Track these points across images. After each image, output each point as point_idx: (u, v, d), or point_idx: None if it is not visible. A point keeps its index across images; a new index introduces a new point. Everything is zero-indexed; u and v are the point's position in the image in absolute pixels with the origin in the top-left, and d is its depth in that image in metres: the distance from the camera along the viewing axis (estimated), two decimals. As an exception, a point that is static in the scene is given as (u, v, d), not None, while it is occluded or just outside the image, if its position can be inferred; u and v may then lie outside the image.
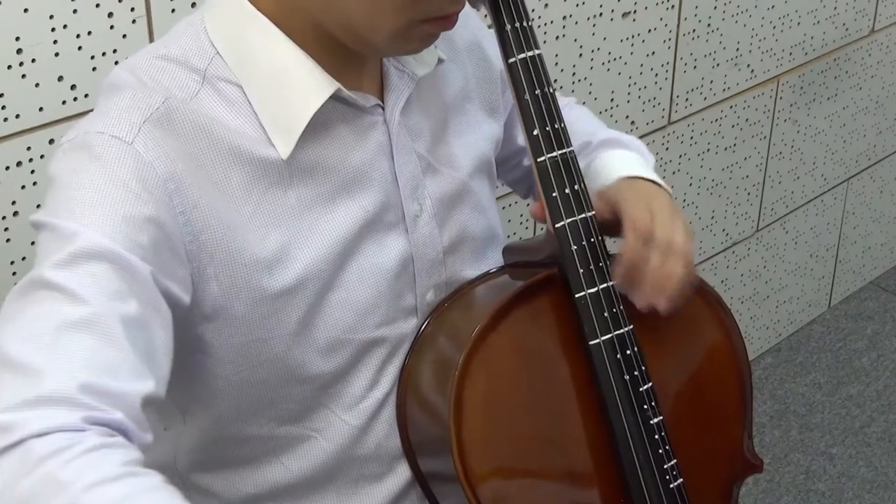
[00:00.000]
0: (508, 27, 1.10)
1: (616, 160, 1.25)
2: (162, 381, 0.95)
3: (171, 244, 0.98)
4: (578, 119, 1.35)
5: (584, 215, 1.11)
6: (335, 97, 1.05)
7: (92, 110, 1.48)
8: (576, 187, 1.11)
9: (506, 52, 1.10)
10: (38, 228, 0.97)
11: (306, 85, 1.04)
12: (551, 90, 1.11)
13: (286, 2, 1.03)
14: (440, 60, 1.15)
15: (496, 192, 1.27)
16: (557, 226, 1.10)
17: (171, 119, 1.00)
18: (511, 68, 1.10)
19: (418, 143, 1.14)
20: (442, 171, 1.16)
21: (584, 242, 1.10)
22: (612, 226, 1.14)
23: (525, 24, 1.10)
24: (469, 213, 1.19)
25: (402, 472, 1.17)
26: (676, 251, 1.11)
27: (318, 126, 1.05)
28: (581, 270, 1.10)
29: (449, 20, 1.03)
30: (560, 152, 1.11)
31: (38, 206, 1.47)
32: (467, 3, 1.05)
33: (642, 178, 1.21)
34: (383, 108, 1.10)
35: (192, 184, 1.00)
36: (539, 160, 1.11)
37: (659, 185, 1.21)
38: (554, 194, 1.10)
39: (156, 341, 0.95)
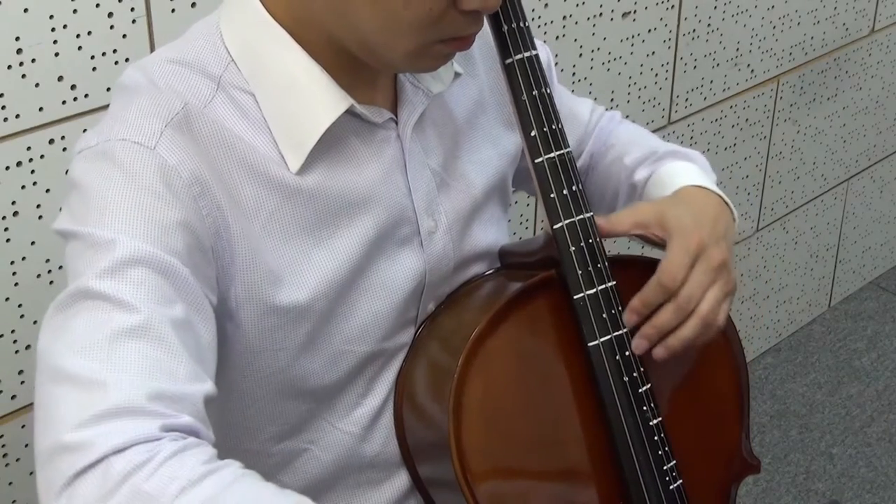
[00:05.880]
0: (505, 28, 1.09)
1: (680, 170, 1.23)
2: (213, 380, 0.94)
3: (201, 246, 0.98)
4: (637, 132, 1.35)
5: (582, 216, 1.10)
6: (348, 112, 1.04)
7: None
8: (574, 188, 1.10)
9: (503, 53, 1.10)
10: (66, 238, 0.96)
11: (319, 100, 1.02)
12: (548, 91, 1.11)
13: (302, 13, 1.01)
14: (456, 75, 1.13)
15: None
16: (556, 227, 1.10)
17: (191, 124, 1.00)
18: (508, 69, 1.10)
19: (431, 158, 1.13)
20: (455, 187, 1.15)
21: (582, 244, 1.10)
22: (660, 245, 1.14)
23: (522, 24, 1.10)
24: (480, 230, 1.18)
25: (402, 478, 1.17)
26: (696, 315, 1.11)
27: (330, 141, 1.04)
28: (580, 272, 1.10)
29: (466, 41, 1.01)
30: (558, 153, 1.10)
31: (39, 206, 1.49)
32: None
33: (709, 191, 1.19)
34: (396, 123, 1.09)
35: (213, 187, 0.99)
36: (537, 161, 1.10)
37: (722, 198, 1.20)
38: (552, 195, 1.10)
39: (203, 341, 0.95)
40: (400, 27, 0.97)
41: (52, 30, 1.43)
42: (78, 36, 1.46)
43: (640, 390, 1.12)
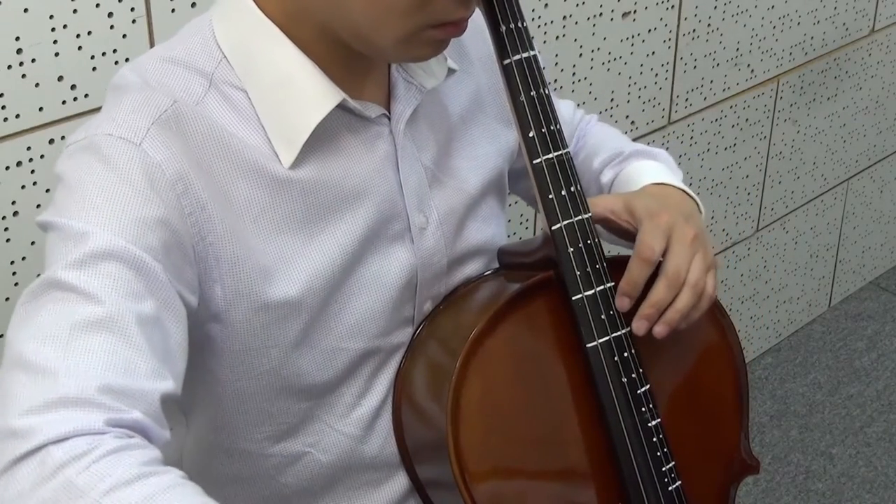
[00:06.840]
0: (503, 28, 1.09)
1: (645, 169, 1.25)
2: (178, 380, 0.94)
3: (181, 245, 0.98)
4: (607, 133, 1.36)
5: (580, 217, 1.10)
6: (341, 107, 1.04)
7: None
8: (572, 189, 1.10)
9: (501, 54, 1.10)
10: (45, 229, 0.96)
11: (311, 95, 1.03)
12: (547, 92, 1.11)
13: (294, 6, 1.01)
14: (450, 71, 1.13)
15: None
16: (554, 228, 1.10)
17: (180, 122, 1.00)
18: (506, 70, 1.10)
19: (424, 154, 1.13)
20: (448, 183, 1.15)
21: (580, 245, 1.10)
22: (630, 234, 1.14)
23: (520, 24, 1.09)
24: (475, 227, 1.18)
25: (401, 479, 1.17)
26: (687, 285, 1.11)
27: (323, 136, 1.04)
28: (578, 273, 1.10)
29: (457, 26, 1.01)
30: (556, 154, 1.10)
31: (39, 206, 1.49)
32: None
33: (671, 186, 1.21)
34: (389, 119, 1.09)
35: (199, 186, 0.99)
36: (535, 162, 1.10)
37: (688, 194, 1.21)
38: (550, 196, 1.10)
39: (171, 339, 0.95)
40: (388, 11, 0.97)
41: (52, 30, 1.43)
42: (78, 36, 1.46)
43: (638, 391, 1.12)
